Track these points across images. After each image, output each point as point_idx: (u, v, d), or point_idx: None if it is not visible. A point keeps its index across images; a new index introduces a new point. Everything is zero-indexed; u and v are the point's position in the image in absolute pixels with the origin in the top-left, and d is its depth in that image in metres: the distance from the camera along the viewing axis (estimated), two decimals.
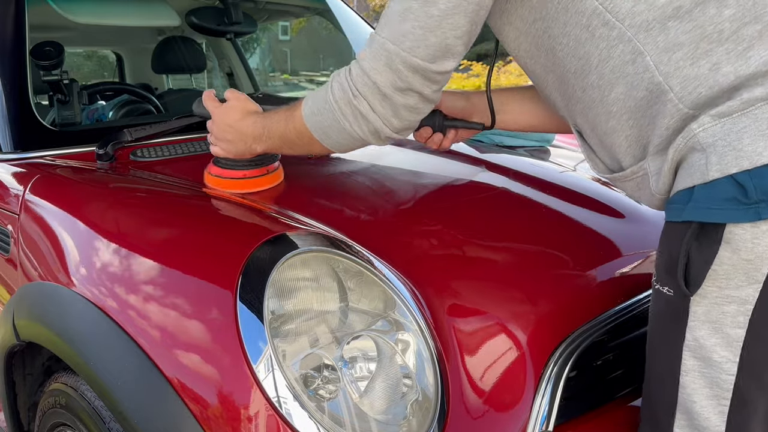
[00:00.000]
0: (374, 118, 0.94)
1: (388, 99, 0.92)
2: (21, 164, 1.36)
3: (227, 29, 2.24)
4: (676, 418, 0.84)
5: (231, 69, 2.85)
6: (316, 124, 1.01)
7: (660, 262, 0.84)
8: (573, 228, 1.22)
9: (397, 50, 0.88)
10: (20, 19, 1.55)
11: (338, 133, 0.99)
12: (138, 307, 0.93)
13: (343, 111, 0.96)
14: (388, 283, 0.93)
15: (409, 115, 0.95)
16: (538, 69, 0.94)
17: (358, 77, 0.93)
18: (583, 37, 0.84)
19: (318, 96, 1.00)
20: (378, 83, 0.91)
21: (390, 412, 0.86)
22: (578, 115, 0.92)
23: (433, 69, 0.89)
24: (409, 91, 0.91)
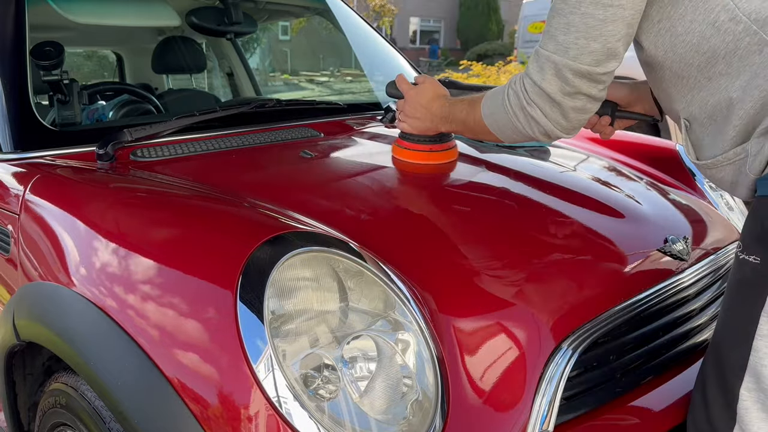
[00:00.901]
0: (545, 122, 1.05)
1: (557, 104, 1.03)
2: (21, 164, 1.35)
3: (227, 29, 2.24)
4: (744, 379, 0.88)
5: (231, 69, 2.85)
6: (493, 122, 1.16)
7: (748, 233, 0.90)
8: (573, 228, 1.22)
9: (563, 60, 0.98)
10: (20, 19, 1.55)
11: (512, 131, 1.13)
12: (138, 307, 0.93)
13: (517, 115, 1.08)
14: (388, 283, 0.93)
15: (578, 115, 1.05)
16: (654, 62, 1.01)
17: (530, 87, 1.04)
18: (708, 33, 0.92)
19: (495, 99, 1.14)
20: (548, 91, 1.02)
21: (390, 412, 0.86)
22: (695, 105, 0.98)
23: (598, 71, 0.98)
24: (577, 94, 1.01)
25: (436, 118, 1.31)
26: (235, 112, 1.65)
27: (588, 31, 0.95)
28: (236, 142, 1.53)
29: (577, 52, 0.97)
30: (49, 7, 1.86)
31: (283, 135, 1.63)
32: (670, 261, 1.19)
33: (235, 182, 1.29)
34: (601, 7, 0.93)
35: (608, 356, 1.04)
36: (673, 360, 1.11)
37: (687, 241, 1.25)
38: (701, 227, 1.38)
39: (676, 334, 1.13)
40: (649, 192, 1.47)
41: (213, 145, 1.51)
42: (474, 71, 10.16)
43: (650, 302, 1.09)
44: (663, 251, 1.20)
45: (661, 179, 1.64)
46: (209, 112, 1.57)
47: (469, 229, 1.16)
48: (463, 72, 10.86)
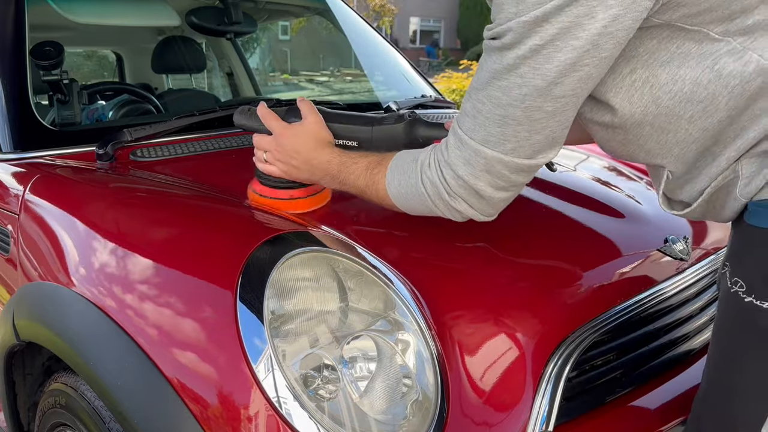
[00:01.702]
0: (472, 212, 0.91)
1: (485, 198, 0.88)
2: (21, 164, 1.35)
3: (227, 29, 2.24)
4: None
5: (231, 69, 2.85)
6: (402, 201, 0.97)
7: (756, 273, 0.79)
8: (573, 228, 1.22)
9: (497, 155, 0.82)
10: (20, 19, 1.54)
11: (426, 212, 0.96)
12: (138, 307, 0.93)
13: (436, 203, 0.92)
14: (388, 283, 0.93)
15: (504, 203, 0.91)
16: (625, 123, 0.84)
17: (453, 181, 0.88)
18: (704, 79, 0.77)
19: (406, 181, 0.95)
20: (476, 187, 0.86)
21: (390, 412, 0.86)
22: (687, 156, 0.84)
23: (536, 163, 0.84)
24: (511, 187, 0.88)
25: (319, 173, 1.05)
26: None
27: (532, 125, 0.79)
28: (236, 142, 1.53)
29: (515, 145, 0.81)
30: (49, 7, 1.86)
31: None
32: (670, 261, 1.19)
33: (235, 182, 1.29)
34: (551, 99, 0.76)
35: (608, 356, 1.04)
36: (673, 360, 1.10)
37: (687, 241, 1.25)
38: (701, 227, 1.37)
39: (676, 335, 1.13)
40: (649, 192, 1.47)
41: (213, 145, 1.51)
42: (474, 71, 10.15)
43: (650, 302, 1.09)
44: (663, 251, 1.20)
45: None
46: (209, 112, 1.57)
47: (468, 229, 1.16)
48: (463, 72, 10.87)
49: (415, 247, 1.08)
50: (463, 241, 1.12)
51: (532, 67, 0.74)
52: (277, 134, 1.08)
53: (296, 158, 1.06)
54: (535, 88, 0.75)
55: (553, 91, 0.75)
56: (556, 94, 0.76)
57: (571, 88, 0.75)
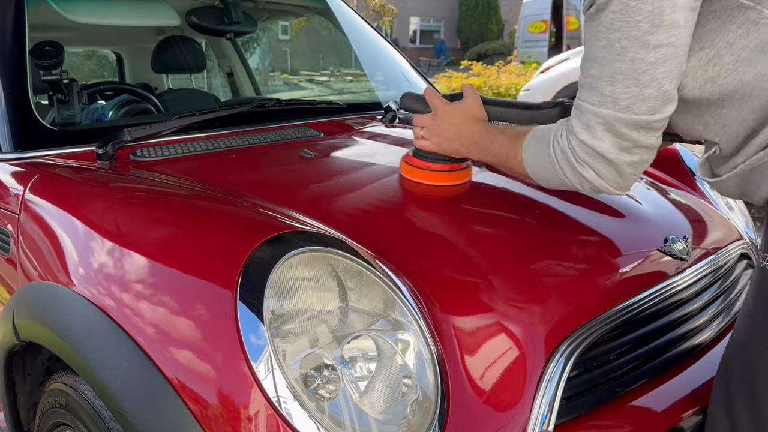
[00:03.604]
0: (599, 181, 0.95)
1: (612, 162, 0.92)
2: (21, 164, 1.35)
3: (227, 29, 2.24)
4: None
5: (231, 69, 2.85)
6: (536, 171, 1.04)
7: None
8: (573, 228, 1.22)
9: (614, 113, 0.87)
10: (20, 19, 1.54)
11: (559, 184, 1.01)
12: (137, 306, 0.93)
13: (565, 172, 0.97)
14: (388, 283, 0.93)
15: (634, 170, 0.94)
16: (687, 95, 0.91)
17: (579, 147, 0.93)
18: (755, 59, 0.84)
19: (539, 149, 1.01)
20: (600, 150, 0.91)
21: (390, 412, 0.86)
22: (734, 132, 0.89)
23: (654, 119, 0.88)
24: (634, 148, 0.90)
25: (470, 144, 1.17)
26: (234, 111, 1.65)
27: (639, 78, 0.84)
28: (236, 142, 1.53)
29: (629, 102, 0.86)
30: (49, 7, 1.86)
31: (283, 135, 1.63)
32: (670, 261, 1.19)
33: (235, 182, 1.29)
34: (652, 50, 0.83)
35: (608, 356, 1.04)
36: (673, 360, 1.10)
37: (687, 241, 1.25)
38: (701, 227, 1.37)
39: (676, 334, 1.13)
40: (649, 192, 1.47)
41: (213, 144, 1.51)
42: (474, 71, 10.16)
43: (650, 302, 1.09)
44: (663, 251, 1.20)
45: (661, 179, 1.64)
46: (209, 112, 1.57)
47: (468, 229, 1.16)
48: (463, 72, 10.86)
49: (415, 247, 1.08)
50: (464, 241, 1.12)
51: (625, 21, 0.82)
52: (438, 109, 1.22)
53: (450, 131, 1.20)
54: (632, 39, 0.83)
55: (650, 41, 0.82)
56: (653, 43, 0.82)
57: (665, 36, 0.82)
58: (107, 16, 2.09)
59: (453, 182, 1.29)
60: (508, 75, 9.55)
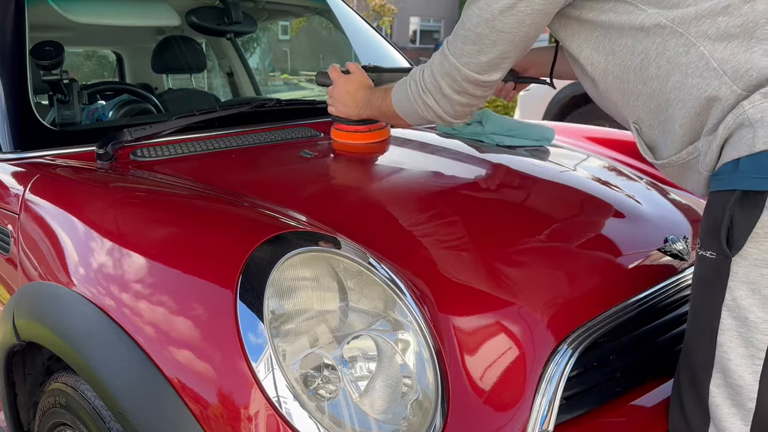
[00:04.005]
0: (437, 108, 1.21)
1: (446, 97, 1.18)
2: (21, 164, 1.35)
3: (227, 29, 2.24)
4: (712, 376, 0.89)
5: (231, 69, 2.85)
6: (399, 107, 1.32)
7: (704, 229, 0.92)
8: (573, 228, 1.22)
9: (455, 63, 1.12)
10: (20, 19, 1.54)
11: (414, 114, 1.29)
12: (137, 306, 0.93)
13: (416, 101, 1.24)
14: (388, 283, 0.93)
15: (463, 108, 1.20)
16: (597, 73, 1.05)
17: (428, 77, 1.20)
18: (639, 36, 0.97)
19: (401, 86, 1.30)
20: (440, 85, 1.18)
21: (390, 412, 0.86)
22: (640, 109, 1.02)
23: (482, 79, 1.13)
24: (463, 93, 1.16)
25: (360, 105, 1.47)
26: (235, 111, 1.65)
27: (480, 47, 1.08)
28: (236, 142, 1.53)
29: (468, 60, 1.10)
30: (49, 7, 1.86)
31: (283, 135, 1.63)
32: (670, 260, 1.19)
33: (235, 182, 1.29)
34: (494, 31, 1.04)
35: (608, 356, 1.04)
36: (673, 360, 1.10)
37: (687, 240, 1.25)
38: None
39: (675, 334, 1.13)
40: (649, 192, 1.47)
41: (213, 144, 1.51)
42: None
43: (650, 302, 1.09)
44: (663, 251, 1.20)
45: (661, 179, 1.64)
46: (209, 112, 1.57)
47: (469, 228, 1.16)
48: None
49: (415, 246, 1.08)
50: (464, 241, 1.12)
51: (487, 3, 1.03)
52: (336, 81, 1.53)
53: (347, 97, 1.50)
54: (484, 19, 1.04)
55: (496, 25, 1.04)
56: (498, 27, 1.04)
57: (509, 26, 1.03)
58: (107, 16, 2.09)
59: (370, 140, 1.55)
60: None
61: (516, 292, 1.02)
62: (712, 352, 0.89)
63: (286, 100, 1.81)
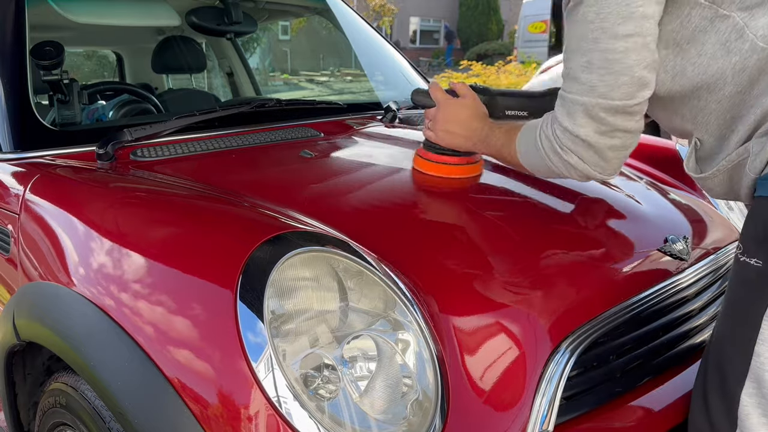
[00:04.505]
0: (583, 166, 1.03)
1: (593, 146, 0.99)
2: (21, 164, 1.35)
3: (227, 29, 2.24)
4: (745, 385, 0.87)
5: (231, 69, 2.85)
6: (527, 161, 1.14)
7: (748, 235, 0.89)
8: (573, 228, 1.22)
9: (593, 100, 0.95)
10: (20, 19, 1.55)
11: (548, 172, 1.11)
12: (137, 306, 0.93)
13: (553, 161, 1.06)
14: (388, 283, 0.93)
15: (617, 153, 1.01)
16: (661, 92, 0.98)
17: (562, 134, 1.01)
18: (718, 54, 0.91)
19: (529, 138, 1.11)
20: (581, 135, 0.99)
21: (390, 412, 0.86)
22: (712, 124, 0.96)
23: (631, 104, 0.95)
24: (614, 132, 0.98)
25: (474, 138, 1.25)
26: (235, 111, 1.65)
27: (612, 66, 0.92)
28: (236, 142, 1.53)
29: (605, 89, 0.94)
30: (49, 7, 1.86)
31: (283, 135, 1.63)
32: (670, 261, 1.19)
33: (235, 182, 1.29)
34: (621, 39, 0.91)
35: (608, 356, 1.04)
36: (673, 360, 1.11)
37: (687, 241, 1.25)
38: (701, 227, 1.38)
39: (675, 334, 1.13)
40: (649, 192, 1.47)
41: (213, 144, 1.51)
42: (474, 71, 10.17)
43: (650, 302, 1.09)
44: (663, 251, 1.20)
45: (661, 179, 1.64)
46: (209, 112, 1.57)
47: (468, 228, 1.16)
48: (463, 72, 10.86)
49: (415, 246, 1.08)
50: (464, 241, 1.12)
51: (598, 13, 0.91)
52: (443, 103, 1.29)
53: (457, 125, 1.27)
54: (603, 30, 0.91)
55: (619, 31, 0.90)
56: (622, 33, 0.90)
57: (633, 27, 0.90)
58: (107, 16, 2.09)
59: (465, 175, 1.34)
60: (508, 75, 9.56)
61: (516, 292, 1.02)
62: (747, 360, 0.86)
63: (286, 100, 1.82)
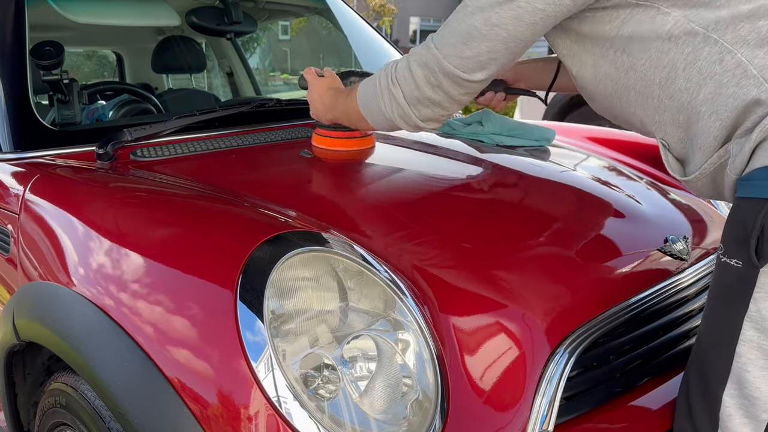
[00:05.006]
0: (404, 103, 1.10)
1: (418, 89, 1.07)
2: (21, 164, 1.35)
3: (227, 29, 2.24)
4: (727, 386, 0.87)
5: (231, 69, 2.85)
6: (363, 103, 1.20)
7: (729, 235, 0.88)
8: (573, 228, 1.22)
9: (438, 55, 1.03)
10: (20, 19, 1.55)
11: (378, 114, 1.17)
12: (137, 306, 0.93)
13: (383, 94, 1.13)
14: (388, 283, 0.93)
15: (432, 108, 1.09)
16: (616, 90, 1.00)
17: (402, 68, 1.09)
18: (665, 47, 0.91)
19: (369, 80, 1.19)
20: (414, 75, 1.07)
21: (390, 412, 0.86)
22: (667, 124, 0.96)
23: (463, 76, 1.02)
24: (437, 88, 1.05)
25: (326, 108, 1.38)
26: (235, 111, 1.65)
27: (467, 40, 0.99)
28: (236, 142, 1.53)
29: (451, 52, 1.01)
30: (49, 7, 1.86)
31: (283, 135, 1.63)
32: (670, 261, 1.19)
33: (235, 182, 1.29)
34: (487, 24, 0.96)
35: (608, 356, 1.04)
36: (673, 360, 1.11)
37: (687, 241, 1.25)
38: (701, 227, 1.38)
39: (675, 334, 1.13)
40: (649, 192, 1.47)
41: (213, 144, 1.51)
42: None
43: (650, 302, 1.09)
44: (663, 251, 1.20)
45: (661, 179, 1.64)
46: (209, 112, 1.57)
47: (469, 229, 1.16)
48: None
49: (415, 246, 1.08)
50: (464, 241, 1.11)
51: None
52: (310, 84, 1.44)
53: (318, 100, 1.41)
54: (479, 7, 0.97)
55: (491, 17, 0.96)
56: (492, 20, 0.96)
57: (503, 20, 0.95)
58: (107, 16, 2.09)
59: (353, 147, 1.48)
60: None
61: (516, 292, 1.02)
62: (728, 361, 0.86)
63: (286, 100, 1.81)
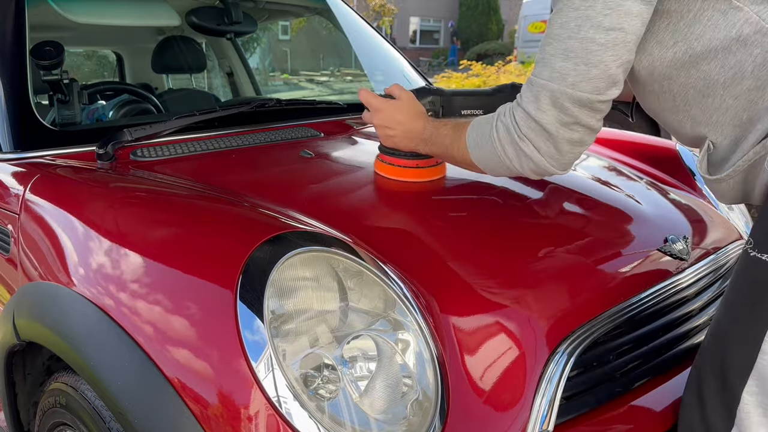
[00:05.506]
0: (538, 158, 0.99)
1: (552, 137, 0.97)
2: (21, 164, 1.35)
3: (227, 29, 2.24)
4: (747, 382, 0.86)
5: (231, 69, 2.85)
6: (479, 155, 1.09)
7: (762, 231, 0.86)
8: (573, 228, 1.22)
9: (561, 88, 0.93)
10: (20, 19, 1.55)
11: (499, 166, 1.07)
12: (137, 306, 0.93)
13: (507, 151, 1.02)
14: (388, 283, 0.93)
15: (572, 148, 0.99)
16: (673, 89, 0.95)
17: (523, 121, 0.98)
18: (733, 48, 0.88)
19: (482, 131, 1.07)
20: (543, 122, 0.96)
21: (390, 412, 0.86)
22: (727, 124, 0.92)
23: (598, 99, 0.93)
24: (575, 125, 0.96)
25: (416, 138, 1.22)
26: (235, 111, 1.65)
27: (588, 57, 0.90)
28: (236, 142, 1.54)
29: (576, 79, 0.91)
30: (49, 7, 1.86)
31: (283, 135, 1.63)
32: (670, 261, 1.19)
33: (235, 182, 1.29)
34: (603, 32, 0.89)
35: (608, 356, 1.04)
36: (673, 360, 1.11)
37: (687, 241, 1.25)
38: (701, 227, 1.38)
39: (675, 334, 1.13)
40: (649, 192, 1.47)
41: (213, 144, 1.51)
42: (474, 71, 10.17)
43: (650, 302, 1.09)
44: (663, 251, 1.20)
45: (661, 179, 1.64)
46: (209, 112, 1.57)
47: (468, 229, 1.16)
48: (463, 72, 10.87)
49: (415, 246, 1.08)
50: (464, 241, 1.12)
51: (584, 0, 0.88)
52: (377, 107, 1.25)
53: (398, 127, 1.24)
54: (587, 18, 0.88)
55: (603, 23, 0.88)
56: (606, 25, 0.88)
57: (617, 21, 0.88)
58: (107, 16, 2.09)
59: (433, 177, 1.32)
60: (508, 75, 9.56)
61: (516, 292, 1.02)
62: (752, 357, 0.85)
63: (286, 100, 1.81)
